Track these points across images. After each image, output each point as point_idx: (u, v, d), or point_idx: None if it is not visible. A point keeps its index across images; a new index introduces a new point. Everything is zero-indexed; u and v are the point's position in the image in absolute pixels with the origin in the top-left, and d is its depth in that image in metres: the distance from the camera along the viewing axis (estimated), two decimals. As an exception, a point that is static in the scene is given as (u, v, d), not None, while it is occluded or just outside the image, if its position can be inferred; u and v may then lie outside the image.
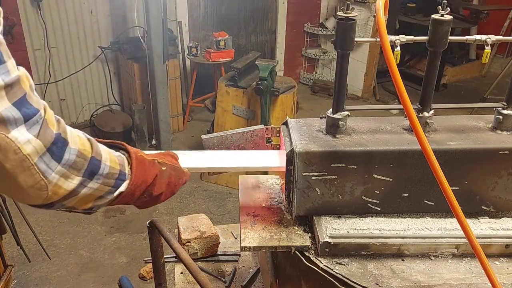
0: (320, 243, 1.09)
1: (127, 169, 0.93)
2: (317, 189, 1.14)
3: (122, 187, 0.92)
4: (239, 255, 1.78)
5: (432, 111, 1.21)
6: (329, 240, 1.09)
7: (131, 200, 0.97)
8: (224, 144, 1.34)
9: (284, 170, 1.15)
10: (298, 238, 1.16)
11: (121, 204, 0.95)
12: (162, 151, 1.14)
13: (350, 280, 1.02)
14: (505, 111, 1.21)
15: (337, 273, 1.05)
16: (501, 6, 6.80)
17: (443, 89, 6.56)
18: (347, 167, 1.12)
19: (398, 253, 1.10)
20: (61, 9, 4.75)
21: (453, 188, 1.01)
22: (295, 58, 6.70)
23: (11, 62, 0.71)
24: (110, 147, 0.94)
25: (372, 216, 1.17)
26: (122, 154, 0.97)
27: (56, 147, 0.76)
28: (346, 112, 1.19)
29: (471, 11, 6.52)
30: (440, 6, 1.10)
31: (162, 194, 1.03)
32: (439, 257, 1.10)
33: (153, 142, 4.87)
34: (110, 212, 3.78)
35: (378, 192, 1.15)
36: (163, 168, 1.03)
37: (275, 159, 1.26)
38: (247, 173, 1.50)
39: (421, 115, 1.19)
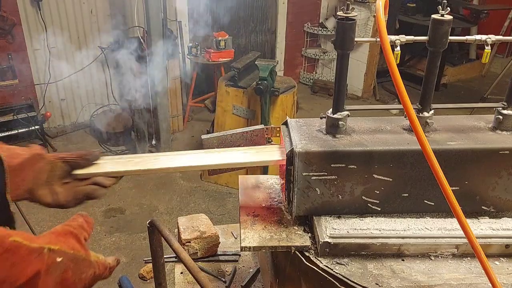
0: (320, 243, 1.09)
1: None
2: (317, 189, 1.14)
3: None
4: (239, 255, 1.78)
5: (432, 111, 1.21)
6: (329, 240, 1.08)
7: None
8: (224, 144, 1.34)
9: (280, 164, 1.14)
10: (298, 238, 1.16)
11: None
12: (66, 224, 0.87)
13: (350, 280, 1.02)
14: (505, 111, 1.21)
15: (337, 273, 1.05)
16: (501, 6, 6.81)
17: (443, 89, 6.58)
18: (347, 167, 1.12)
19: (398, 253, 1.10)
20: (61, 9, 4.76)
21: (453, 188, 1.01)
22: (295, 58, 6.70)
23: None
24: None
25: (372, 216, 1.17)
26: None
27: None
28: (346, 112, 1.19)
29: (471, 11, 6.53)
30: (440, 6, 1.10)
31: None
32: (439, 257, 1.10)
33: (153, 142, 4.87)
34: (110, 212, 3.78)
35: (378, 192, 1.15)
36: (58, 260, 0.76)
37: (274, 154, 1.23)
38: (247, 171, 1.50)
39: (421, 115, 1.19)
